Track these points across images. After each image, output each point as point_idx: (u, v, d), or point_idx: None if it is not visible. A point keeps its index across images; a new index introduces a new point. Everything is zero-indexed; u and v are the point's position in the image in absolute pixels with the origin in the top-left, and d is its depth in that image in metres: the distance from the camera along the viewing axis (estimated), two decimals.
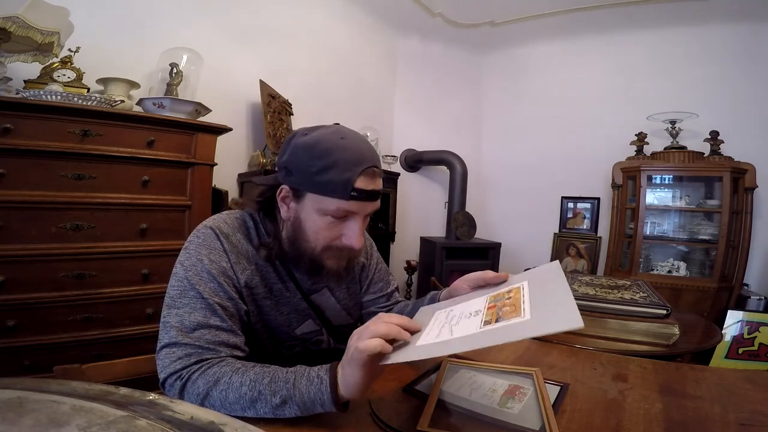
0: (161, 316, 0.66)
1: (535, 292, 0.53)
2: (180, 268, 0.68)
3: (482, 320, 0.52)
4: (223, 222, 0.74)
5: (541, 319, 0.46)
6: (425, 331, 0.57)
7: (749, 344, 2.03)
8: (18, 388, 0.29)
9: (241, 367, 0.59)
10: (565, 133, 3.40)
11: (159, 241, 1.53)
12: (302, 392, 0.55)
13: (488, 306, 0.56)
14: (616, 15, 3.17)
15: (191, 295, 0.65)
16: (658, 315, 1.13)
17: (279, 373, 0.58)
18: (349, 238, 0.68)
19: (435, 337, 0.53)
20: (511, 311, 0.51)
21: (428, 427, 0.58)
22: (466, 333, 0.51)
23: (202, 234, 0.71)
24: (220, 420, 0.29)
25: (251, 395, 0.56)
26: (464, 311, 0.59)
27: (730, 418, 0.65)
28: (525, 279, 0.59)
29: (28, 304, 1.28)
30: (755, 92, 2.73)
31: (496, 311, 0.53)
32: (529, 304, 0.51)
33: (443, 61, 3.65)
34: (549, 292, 0.52)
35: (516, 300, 0.53)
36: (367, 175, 0.65)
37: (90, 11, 1.63)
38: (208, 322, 0.64)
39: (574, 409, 0.67)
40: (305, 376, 0.56)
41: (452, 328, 0.54)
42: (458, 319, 0.56)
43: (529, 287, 0.56)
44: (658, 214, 2.81)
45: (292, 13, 2.58)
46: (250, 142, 2.35)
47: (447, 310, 0.63)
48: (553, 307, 0.48)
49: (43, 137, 1.30)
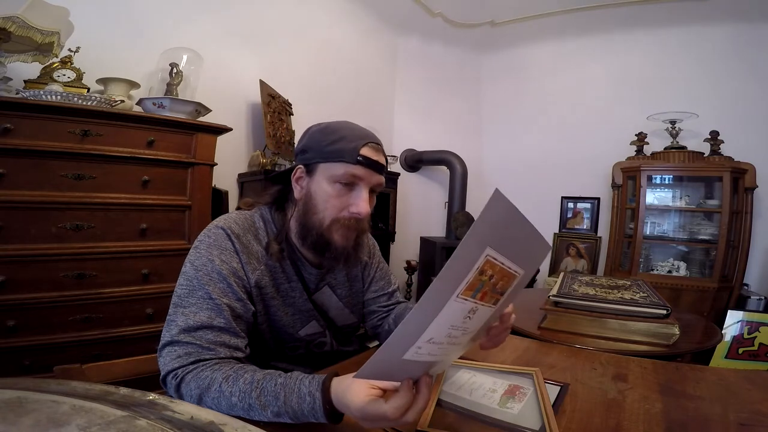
0: (168, 314, 0.66)
1: (506, 248, 0.44)
2: (190, 267, 0.68)
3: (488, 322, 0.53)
4: (233, 222, 0.74)
5: (530, 264, 0.50)
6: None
7: (749, 344, 2.03)
8: (18, 388, 0.29)
9: (232, 374, 0.59)
10: (565, 132, 3.40)
11: (159, 241, 1.53)
12: (294, 410, 0.54)
13: (480, 299, 0.46)
14: (616, 15, 3.17)
15: (199, 295, 0.66)
16: (658, 315, 1.13)
17: (269, 385, 0.56)
18: (356, 206, 0.72)
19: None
20: (506, 281, 0.47)
21: (428, 427, 0.58)
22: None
23: (213, 234, 0.72)
24: (220, 420, 0.29)
25: (242, 405, 0.56)
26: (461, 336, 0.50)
27: (730, 418, 0.65)
28: (485, 245, 0.42)
29: (28, 304, 1.28)
30: (755, 92, 2.73)
31: (491, 292, 0.46)
32: (511, 262, 0.45)
33: (443, 61, 3.65)
34: (517, 238, 0.45)
35: (499, 270, 0.45)
36: (372, 148, 0.72)
37: (90, 11, 1.63)
38: (212, 323, 0.64)
39: (574, 409, 0.67)
40: (296, 393, 0.55)
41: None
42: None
43: (498, 249, 0.43)
44: (658, 214, 2.81)
45: (292, 13, 2.58)
46: (250, 142, 2.35)
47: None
48: (530, 247, 0.49)
49: (42, 137, 1.30)
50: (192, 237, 1.61)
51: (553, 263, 3.37)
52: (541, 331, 1.19)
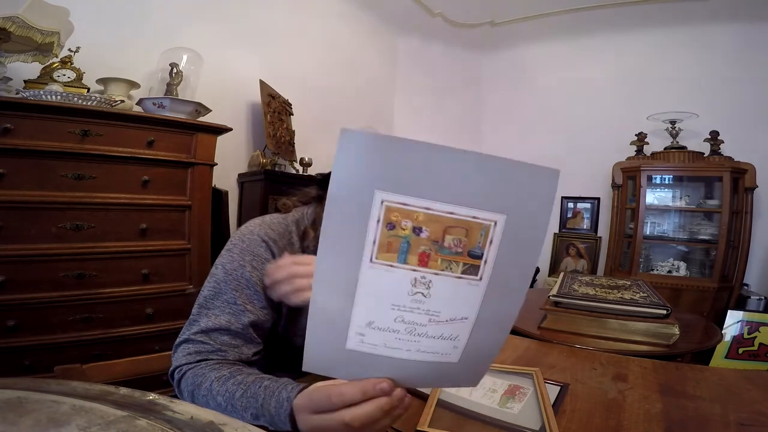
0: (191, 312, 0.66)
1: (421, 187, 0.33)
2: (221, 270, 0.68)
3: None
4: (269, 228, 0.73)
5: (508, 202, 0.35)
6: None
7: (749, 344, 2.03)
8: (18, 388, 0.29)
9: (226, 374, 0.58)
10: (565, 132, 3.40)
11: (159, 241, 1.53)
12: (272, 414, 0.50)
13: (421, 264, 0.35)
14: (616, 15, 3.17)
15: (224, 299, 0.66)
16: (658, 315, 1.13)
17: (253, 387, 0.54)
18: None
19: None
20: (461, 233, 0.34)
21: (428, 427, 0.58)
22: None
23: (248, 239, 0.70)
24: (220, 420, 0.29)
25: (226, 406, 0.54)
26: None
27: (730, 418, 0.65)
28: (373, 189, 0.33)
29: (28, 304, 1.28)
30: (755, 92, 2.73)
31: (442, 253, 0.35)
32: (445, 204, 0.33)
33: (443, 61, 3.65)
34: (438, 172, 0.34)
35: (426, 218, 0.34)
36: None
37: (90, 11, 1.63)
38: (230, 327, 0.64)
39: (574, 409, 0.67)
40: (275, 397, 0.50)
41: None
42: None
43: (402, 191, 0.33)
44: (658, 214, 2.81)
45: (292, 13, 2.58)
46: (250, 142, 2.35)
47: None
48: (485, 180, 0.34)
49: (42, 137, 1.30)
50: (192, 237, 1.61)
51: (553, 263, 3.37)
52: (541, 331, 1.19)
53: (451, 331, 0.38)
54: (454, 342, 0.38)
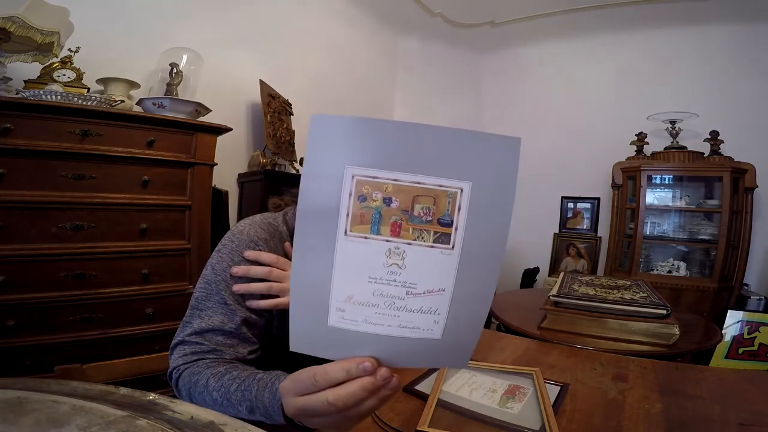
0: (185, 315, 0.67)
1: (384, 159, 0.35)
2: (210, 271, 0.68)
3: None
4: (258, 227, 0.73)
5: (473, 169, 0.36)
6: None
7: (749, 344, 2.03)
8: (18, 388, 0.29)
9: (222, 371, 0.58)
10: (565, 133, 3.40)
11: (159, 241, 1.53)
12: (266, 406, 0.49)
13: (394, 234, 0.36)
14: (616, 15, 3.17)
15: (216, 299, 0.66)
16: (658, 315, 1.13)
17: (248, 380, 0.53)
18: None
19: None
20: (428, 201, 0.36)
21: (428, 427, 0.58)
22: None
23: (237, 239, 0.70)
24: (220, 420, 0.29)
25: (221, 401, 0.54)
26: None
27: (730, 418, 0.65)
28: (342, 166, 0.35)
29: (28, 304, 1.28)
30: (755, 92, 2.73)
31: (411, 222, 0.36)
32: (411, 174, 0.35)
33: (443, 61, 3.65)
34: (397, 143, 0.35)
35: (395, 189, 0.35)
36: None
37: (90, 11, 1.63)
38: (223, 327, 0.64)
39: (574, 409, 0.67)
40: (268, 388, 0.50)
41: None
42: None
43: (369, 164, 0.35)
44: (658, 214, 2.81)
45: (292, 13, 2.58)
46: (250, 142, 2.35)
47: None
48: (443, 149, 0.36)
49: (42, 137, 1.30)
50: (192, 237, 1.61)
51: (552, 263, 3.37)
52: (541, 331, 1.19)
53: (431, 304, 0.38)
54: (434, 316, 0.38)
